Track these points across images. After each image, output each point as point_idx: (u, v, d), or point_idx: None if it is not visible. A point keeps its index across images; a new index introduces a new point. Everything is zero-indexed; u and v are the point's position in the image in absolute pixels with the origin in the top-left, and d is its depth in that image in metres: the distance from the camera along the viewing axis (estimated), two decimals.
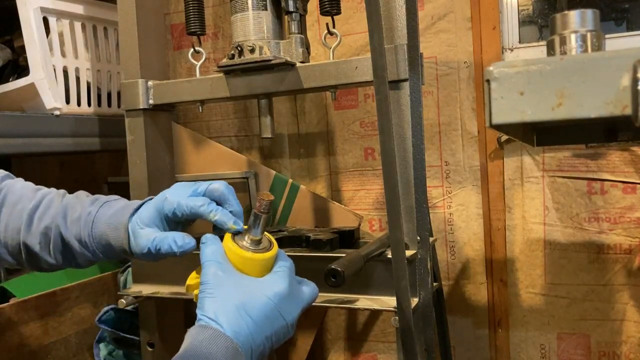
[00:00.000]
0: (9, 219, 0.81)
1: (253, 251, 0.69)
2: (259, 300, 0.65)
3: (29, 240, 0.80)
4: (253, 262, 0.69)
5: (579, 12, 0.64)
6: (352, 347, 1.56)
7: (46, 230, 0.79)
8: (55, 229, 0.79)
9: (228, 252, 0.69)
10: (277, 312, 0.66)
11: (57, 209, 0.80)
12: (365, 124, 1.47)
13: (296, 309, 0.69)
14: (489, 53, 1.34)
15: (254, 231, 0.70)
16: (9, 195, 0.82)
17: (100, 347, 1.32)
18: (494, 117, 0.55)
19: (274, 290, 0.67)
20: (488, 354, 1.42)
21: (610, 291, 1.30)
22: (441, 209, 1.42)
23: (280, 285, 0.67)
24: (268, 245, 0.72)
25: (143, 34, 1.19)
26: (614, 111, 0.50)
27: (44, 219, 0.80)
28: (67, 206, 0.81)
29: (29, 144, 1.25)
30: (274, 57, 1.03)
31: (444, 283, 1.42)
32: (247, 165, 1.48)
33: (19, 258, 0.82)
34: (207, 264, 0.68)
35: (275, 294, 0.66)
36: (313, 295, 0.73)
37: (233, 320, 0.63)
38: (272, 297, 0.66)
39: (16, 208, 0.81)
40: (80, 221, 0.79)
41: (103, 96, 1.46)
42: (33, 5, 1.24)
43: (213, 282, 0.66)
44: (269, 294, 0.66)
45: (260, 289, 0.66)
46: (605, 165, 1.28)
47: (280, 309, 0.66)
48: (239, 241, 0.70)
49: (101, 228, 0.78)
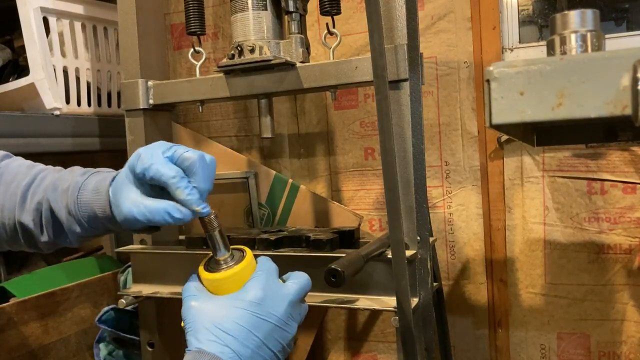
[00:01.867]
0: (4, 199, 0.78)
1: (219, 270, 0.68)
2: (235, 314, 0.64)
3: (23, 218, 0.77)
4: (223, 281, 0.68)
5: (579, 12, 0.64)
6: (352, 347, 1.56)
7: (38, 205, 0.77)
8: (46, 203, 0.77)
9: (203, 281, 0.70)
10: (258, 319, 0.65)
11: (49, 183, 0.78)
12: (365, 124, 1.47)
13: (280, 306, 0.67)
14: (489, 53, 1.34)
15: (219, 252, 0.70)
16: (5, 175, 0.80)
17: (100, 347, 1.32)
18: (494, 117, 0.55)
19: (247, 300, 0.65)
20: (488, 354, 1.42)
21: (610, 291, 1.30)
22: (441, 209, 1.42)
23: (251, 293, 0.66)
24: (240, 257, 0.70)
25: (143, 34, 1.19)
26: (614, 111, 0.50)
27: (37, 193, 0.78)
28: (58, 179, 0.78)
29: (29, 144, 1.25)
30: (274, 57, 1.03)
31: (444, 283, 1.42)
32: (247, 165, 1.48)
33: (16, 239, 0.80)
34: (183, 301, 0.68)
35: (249, 302, 0.65)
36: (301, 286, 0.71)
37: (212, 342, 0.63)
38: (247, 306, 0.65)
39: (11, 187, 0.79)
40: (68, 191, 0.76)
41: (103, 96, 1.46)
42: (33, 5, 1.24)
43: (189, 315, 0.66)
44: (242, 305, 0.65)
45: (233, 303, 0.66)
46: (605, 165, 1.28)
47: (259, 314, 0.65)
48: (213, 266, 0.70)
49: (86, 195, 0.74)
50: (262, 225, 1.45)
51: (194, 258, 1.12)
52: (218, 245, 0.70)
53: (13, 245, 0.82)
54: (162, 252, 1.17)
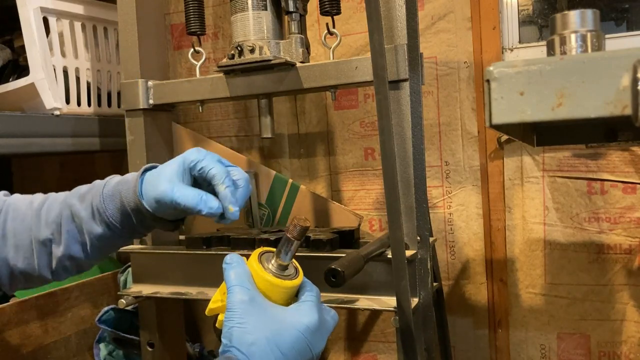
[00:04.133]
0: (14, 226, 0.79)
1: (280, 277, 0.66)
2: (291, 334, 0.62)
3: (42, 234, 0.78)
4: (280, 289, 0.65)
5: (579, 12, 0.64)
6: (352, 347, 1.56)
7: (57, 218, 0.78)
8: (66, 210, 0.78)
9: (254, 274, 0.66)
10: (307, 346, 0.63)
11: (65, 196, 0.80)
12: (365, 124, 1.47)
13: (322, 341, 0.66)
14: (489, 53, 1.34)
15: (283, 256, 0.66)
16: (13, 204, 0.81)
17: (100, 347, 1.32)
18: (494, 117, 0.55)
19: (305, 324, 0.63)
20: (488, 354, 1.42)
21: (610, 291, 1.30)
22: (441, 209, 1.42)
23: (311, 318, 0.64)
24: (294, 273, 0.68)
25: (143, 34, 1.19)
26: (614, 111, 0.50)
27: (53, 209, 0.79)
28: (74, 191, 0.81)
29: (29, 144, 1.25)
30: (274, 57, 1.04)
31: (444, 283, 1.41)
32: (247, 165, 1.48)
33: (31, 273, 0.80)
34: (234, 289, 0.63)
35: (307, 327, 0.63)
36: (334, 324, 0.70)
37: (264, 355, 0.60)
38: (304, 331, 0.63)
39: (19, 212, 0.80)
40: (92, 190, 0.78)
41: (103, 96, 1.46)
42: (33, 5, 1.23)
43: (240, 310, 0.62)
44: (300, 327, 0.63)
45: (292, 321, 0.63)
46: (605, 165, 1.28)
47: (310, 342, 0.63)
48: (265, 263, 0.67)
49: (112, 186, 0.77)
50: (262, 225, 1.45)
51: (194, 258, 1.12)
52: (288, 251, 0.67)
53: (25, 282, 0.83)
54: (162, 252, 1.17)
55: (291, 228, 0.66)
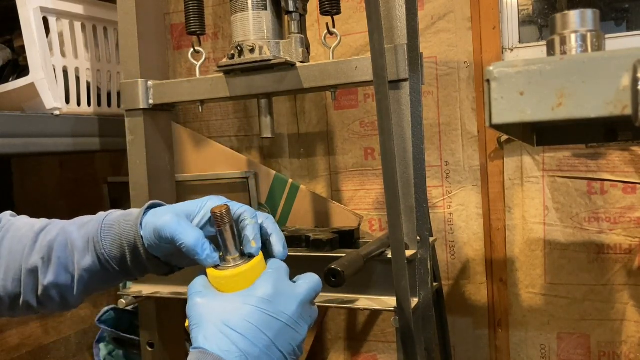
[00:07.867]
0: (11, 245, 0.77)
1: (222, 268, 0.66)
2: (243, 312, 0.62)
3: (31, 261, 0.75)
4: (231, 279, 0.65)
5: (579, 12, 0.64)
6: (352, 347, 1.56)
7: (50, 243, 0.75)
8: (62, 235, 0.75)
9: (210, 279, 0.67)
10: (268, 316, 0.62)
11: (66, 223, 0.77)
12: (365, 124, 1.47)
13: (291, 305, 0.64)
14: (489, 53, 1.34)
15: (229, 249, 0.67)
16: (16, 224, 0.79)
17: (100, 347, 1.32)
18: (494, 117, 0.55)
19: (256, 296, 0.63)
20: (488, 354, 1.42)
21: (610, 291, 1.30)
22: (441, 209, 1.42)
23: (261, 289, 0.63)
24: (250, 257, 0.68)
25: (143, 34, 1.19)
26: (614, 111, 0.50)
27: (50, 232, 0.76)
28: (78, 220, 0.78)
29: (29, 144, 1.25)
30: (274, 57, 1.03)
31: (444, 283, 1.41)
32: (247, 165, 1.48)
33: (17, 297, 0.76)
34: (189, 298, 0.66)
35: (259, 299, 0.62)
36: (312, 286, 0.68)
37: (219, 340, 0.60)
38: (257, 303, 0.62)
39: (20, 232, 0.78)
40: (92, 220, 0.75)
41: (103, 96, 1.46)
42: (33, 5, 1.23)
43: (195, 312, 0.63)
44: (251, 301, 0.62)
45: (242, 299, 0.63)
46: (605, 165, 1.28)
47: (270, 312, 0.62)
48: (223, 265, 0.67)
49: (113, 217, 0.75)
50: None
51: None
52: (229, 241, 0.66)
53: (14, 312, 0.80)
54: None
55: (213, 220, 0.67)
